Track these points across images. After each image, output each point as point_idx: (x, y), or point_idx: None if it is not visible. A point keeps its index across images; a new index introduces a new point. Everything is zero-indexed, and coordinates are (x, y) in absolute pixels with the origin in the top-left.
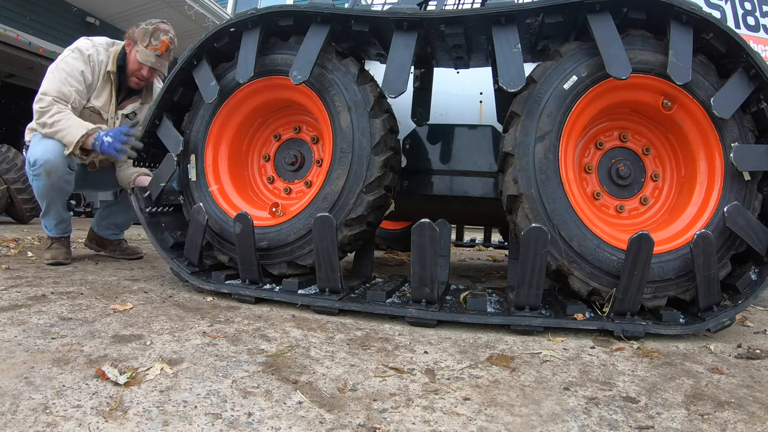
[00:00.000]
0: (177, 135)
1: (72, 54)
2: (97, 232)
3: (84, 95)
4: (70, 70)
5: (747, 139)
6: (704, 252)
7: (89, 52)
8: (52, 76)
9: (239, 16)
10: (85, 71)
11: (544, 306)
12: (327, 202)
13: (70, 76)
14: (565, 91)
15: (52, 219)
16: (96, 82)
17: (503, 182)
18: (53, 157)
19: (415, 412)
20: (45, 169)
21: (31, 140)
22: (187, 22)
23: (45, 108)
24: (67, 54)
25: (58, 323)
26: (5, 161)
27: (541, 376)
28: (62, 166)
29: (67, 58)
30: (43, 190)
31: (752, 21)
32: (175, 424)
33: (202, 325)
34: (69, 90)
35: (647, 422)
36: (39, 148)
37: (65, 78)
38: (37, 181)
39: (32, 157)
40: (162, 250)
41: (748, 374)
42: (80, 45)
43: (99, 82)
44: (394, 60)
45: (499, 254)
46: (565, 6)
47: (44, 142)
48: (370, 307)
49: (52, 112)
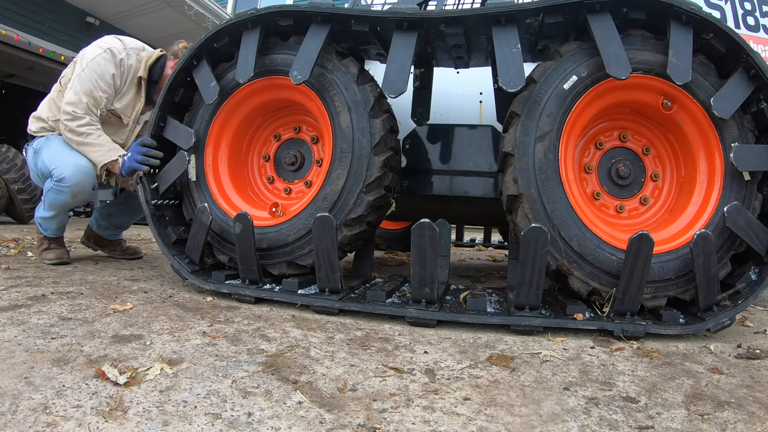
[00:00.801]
0: (186, 129)
1: (104, 54)
2: (97, 231)
3: (111, 100)
4: (101, 72)
5: (747, 139)
6: (704, 252)
7: (121, 56)
8: (84, 75)
9: (239, 16)
10: (115, 75)
11: (544, 306)
12: (327, 202)
13: (101, 79)
14: (565, 91)
15: (55, 224)
16: (123, 86)
17: (503, 182)
18: (83, 180)
19: (415, 412)
20: (72, 190)
21: (45, 142)
22: (187, 22)
23: (79, 115)
24: (98, 53)
25: (58, 323)
26: (5, 161)
27: (541, 376)
28: (89, 189)
29: (99, 59)
30: (61, 205)
31: (752, 21)
32: (175, 424)
33: (202, 325)
34: (100, 95)
35: (647, 422)
36: (69, 164)
37: (96, 81)
38: (58, 196)
39: (60, 172)
40: (163, 245)
41: (748, 374)
42: (113, 45)
43: (126, 87)
44: (394, 60)
45: (499, 254)
46: (565, 6)
47: (74, 158)
48: (370, 307)
49: (84, 122)
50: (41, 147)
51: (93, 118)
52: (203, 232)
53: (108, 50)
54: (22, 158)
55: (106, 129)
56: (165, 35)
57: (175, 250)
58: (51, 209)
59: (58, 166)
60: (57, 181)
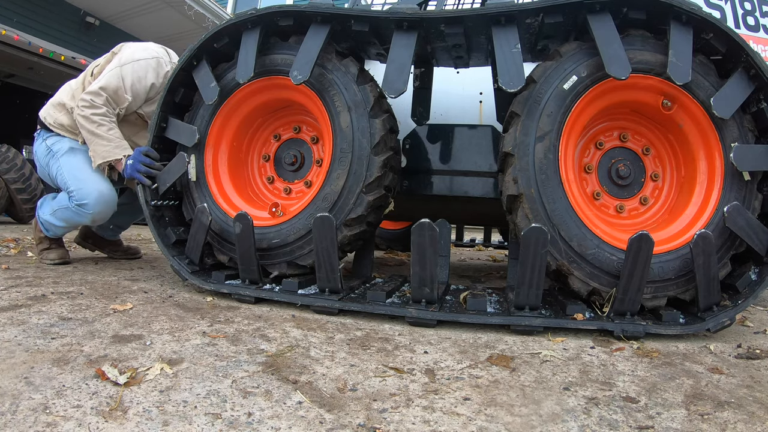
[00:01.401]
0: (189, 126)
1: (151, 62)
2: (97, 231)
3: (138, 104)
4: (140, 76)
5: (747, 139)
6: (704, 252)
7: (167, 68)
8: (120, 72)
9: (239, 16)
10: (155, 84)
11: (544, 306)
12: (327, 202)
13: (138, 82)
14: (565, 91)
15: (61, 231)
16: (157, 94)
17: (503, 182)
18: (105, 209)
19: (415, 412)
20: (93, 217)
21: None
22: (187, 22)
23: (98, 104)
24: (146, 57)
25: (58, 323)
26: (5, 161)
27: (541, 376)
28: (109, 215)
29: (144, 63)
30: (76, 224)
31: (752, 21)
32: (175, 424)
33: (202, 325)
34: (126, 97)
35: (647, 422)
36: (92, 189)
37: (132, 84)
38: (76, 217)
39: (82, 196)
40: (163, 246)
41: (748, 374)
42: (161, 56)
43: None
44: (394, 60)
45: (499, 254)
46: (565, 6)
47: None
48: (370, 307)
49: (101, 113)
50: (61, 153)
51: (110, 111)
52: (203, 232)
53: (156, 59)
54: (22, 158)
55: (129, 128)
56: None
57: (174, 251)
58: (63, 222)
59: (80, 189)
60: (78, 205)
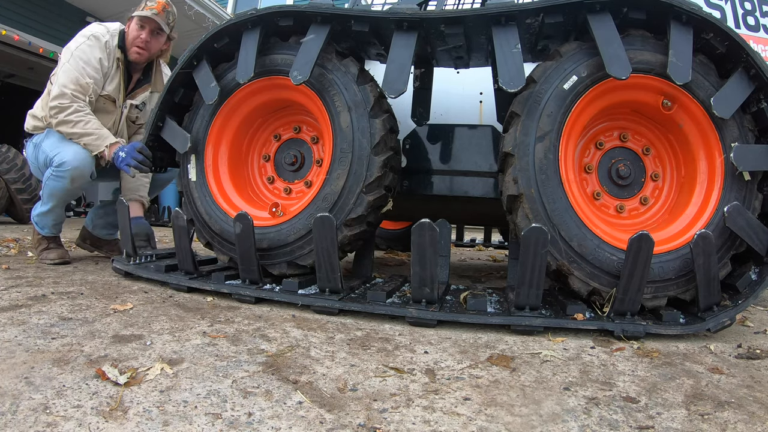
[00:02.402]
0: (183, 133)
1: (88, 42)
2: (92, 231)
3: (100, 84)
4: (87, 58)
5: (747, 139)
6: (704, 252)
7: (105, 38)
8: (68, 66)
9: (239, 17)
10: (102, 58)
11: (544, 306)
12: (327, 202)
13: (87, 65)
14: (565, 91)
15: (52, 219)
16: (111, 69)
17: (503, 182)
18: (83, 165)
19: (416, 412)
20: (71, 174)
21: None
22: (187, 22)
23: (65, 105)
24: (82, 41)
25: (59, 323)
26: (5, 161)
27: (541, 376)
28: (87, 175)
29: (83, 46)
30: (59, 192)
31: (752, 21)
32: (175, 424)
33: (202, 325)
34: (87, 82)
35: (647, 422)
36: (69, 150)
37: (82, 68)
38: (57, 183)
39: (60, 158)
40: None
41: (748, 374)
42: (96, 31)
43: (113, 69)
44: (394, 60)
45: (499, 254)
46: (565, 6)
47: (75, 146)
48: (370, 307)
49: (71, 110)
50: (42, 140)
51: (80, 105)
52: (185, 234)
53: (91, 36)
54: (23, 158)
55: (100, 116)
56: None
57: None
58: (50, 200)
59: (59, 153)
60: (57, 166)
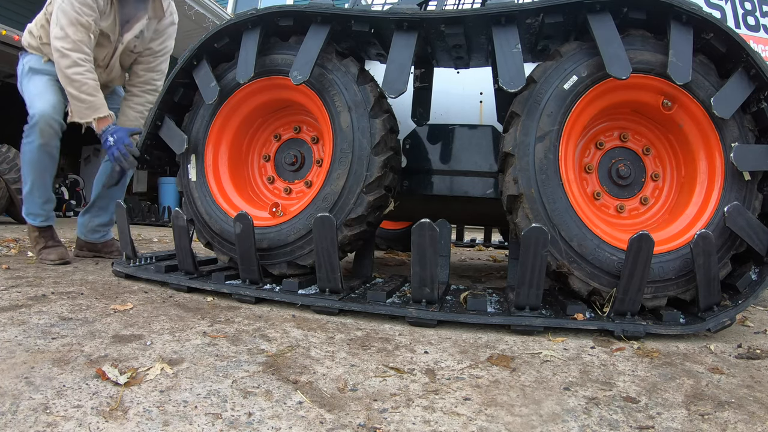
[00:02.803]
0: (181, 134)
1: None
2: (85, 239)
3: (98, 21)
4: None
5: (747, 139)
6: (704, 252)
7: None
8: (65, 5)
9: (239, 17)
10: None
11: (544, 306)
12: (327, 202)
13: (83, 5)
14: (566, 91)
15: (38, 197)
16: (107, 6)
17: (503, 182)
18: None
19: (416, 412)
20: (39, 126)
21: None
22: (187, 22)
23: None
24: None
25: (59, 323)
26: (5, 161)
27: (542, 376)
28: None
29: None
30: (33, 158)
31: (752, 21)
32: (175, 424)
33: (203, 325)
34: (87, 20)
35: (647, 422)
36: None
37: (80, 7)
38: (28, 146)
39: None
40: (156, 274)
41: (749, 374)
42: None
43: (109, 7)
44: (394, 60)
45: (499, 254)
46: (565, 6)
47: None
48: (370, 307)
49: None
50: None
51: (82, 57)
52: (185, 234)
53: None
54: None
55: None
56: None
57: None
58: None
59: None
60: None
